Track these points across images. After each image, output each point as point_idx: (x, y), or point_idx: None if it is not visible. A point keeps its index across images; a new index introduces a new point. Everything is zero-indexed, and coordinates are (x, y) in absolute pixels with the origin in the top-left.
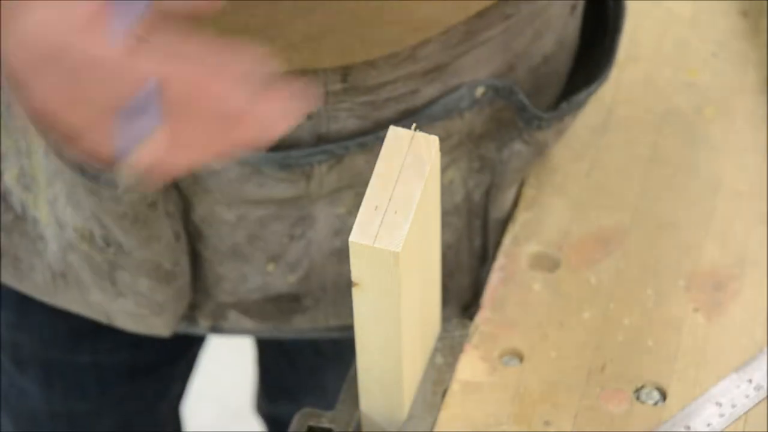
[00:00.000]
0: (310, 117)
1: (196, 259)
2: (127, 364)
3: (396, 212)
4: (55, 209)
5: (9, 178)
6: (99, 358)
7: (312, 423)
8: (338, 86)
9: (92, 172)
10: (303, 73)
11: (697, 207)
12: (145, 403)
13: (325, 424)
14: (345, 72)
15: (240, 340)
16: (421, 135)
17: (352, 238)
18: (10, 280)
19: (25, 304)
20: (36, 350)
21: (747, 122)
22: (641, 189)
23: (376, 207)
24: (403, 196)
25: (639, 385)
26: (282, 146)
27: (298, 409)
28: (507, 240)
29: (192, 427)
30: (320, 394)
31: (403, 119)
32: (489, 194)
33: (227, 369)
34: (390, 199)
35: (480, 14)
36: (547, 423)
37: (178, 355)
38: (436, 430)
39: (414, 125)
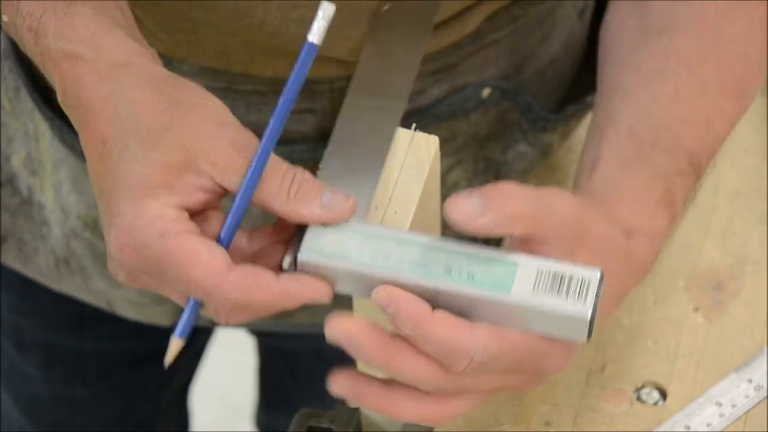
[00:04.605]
0: (314, 112)
1: None
2: (129, 351)
3: (396, 212)
4: (60, 195)
5: (16, 162)
6: (101, 345)
7: (312, 423)
8: (343, 83)
9: None
10: (310, 81)
11: (697, 207)
12: (147, 391)
13: (325, 424)
14: (350, 74)
15: (241, 340)
16: (421, 135)
17: None
18: (15, 263)
19: (28, 288)
20: (38, 334)
21: (747, 122)
22: None
23: (376, 207)
24: (403, 196)
25: (639, 385)
26: (286, 140)
27: None
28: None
29: (192, 426)
30: (320, 404)
31: (409, 118)
32: None
33: (228, 369)
34: (390, 199)
35: (488, 17)
36: (547, 423)
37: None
38: (436, 430)
39: (414, 125)
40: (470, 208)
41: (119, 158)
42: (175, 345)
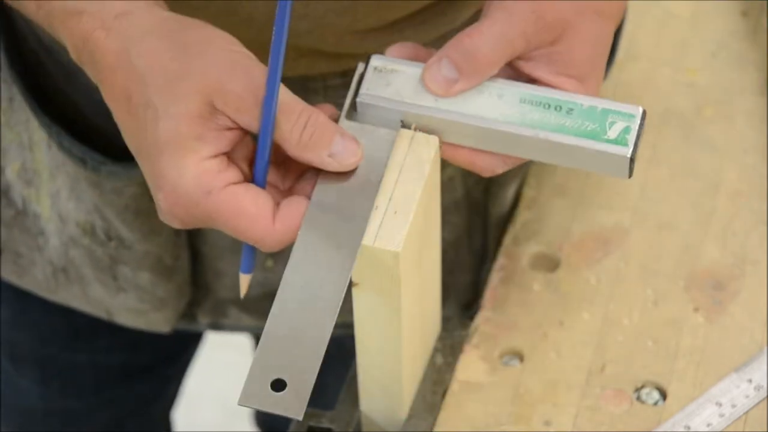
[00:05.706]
0: None
1: (196, 254)
2: (124, 364)
3: (396, 212)
4: (57, 203)
5: (11, 173)
6: (96, 357)
7: (312, 423)
8: (337, 81)
9: (94, 163)
10: (304, 78)
11: (697, 207)
12: (138, 404)
13: (325, 424)
14: (344, 69)
15: (239, 340)
16: (421, 135)
17: None
18: (11, 276)
19: (23, 301)
20: (33, 348)
21: (747, 122)
22: (641, 189)
23: (376, 207)
24: (403, 196)
25: (639, 385)
26: None
27: None
28: (507, 240)
29: (192, 427)
30: (319, 398)
31: None
32: (489, 191)
33: (227, 369)
34: (390, 199)
35: (478, 10)
36: (547, 423)
37: (174, 357)
38: (436, 430)
39: (414, 125)
40: (445, 76)
41: (145, 118)
42: (245, 280)
